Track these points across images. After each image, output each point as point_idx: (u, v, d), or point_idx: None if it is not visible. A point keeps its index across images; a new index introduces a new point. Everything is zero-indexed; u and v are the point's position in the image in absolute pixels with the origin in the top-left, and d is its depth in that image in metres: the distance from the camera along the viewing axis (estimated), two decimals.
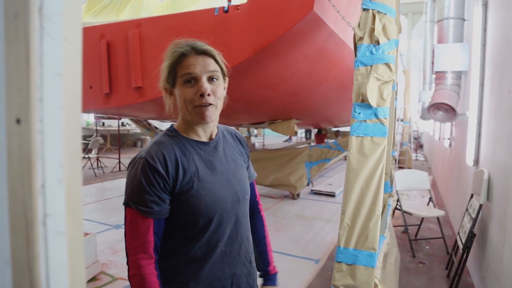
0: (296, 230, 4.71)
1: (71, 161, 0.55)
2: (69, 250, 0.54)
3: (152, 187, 1.00)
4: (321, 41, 3.46)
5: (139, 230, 1.01)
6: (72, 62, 0.54)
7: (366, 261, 1.53)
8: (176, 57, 1.05)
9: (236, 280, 1.14)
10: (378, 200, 1.60)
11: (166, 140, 1.07)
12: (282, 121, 6.56)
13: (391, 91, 1.77)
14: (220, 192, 1.09)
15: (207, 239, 1.08)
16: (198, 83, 1.03)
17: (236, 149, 1.22)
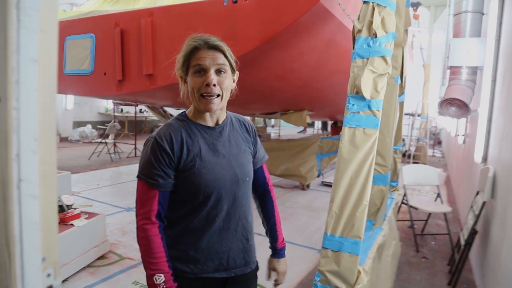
0: (303, 220, 4.77)
1: (45, 136, 0.63)
2: (41, 211, 0.62)
3: (159, 163, 1.15)
4: (329, 33, 3.47)
5: (146, 200, 1.17)
6: (48, 50, 0.62)
7: (351, 248, 1.58)
8: (190, 49, 1.17)
9: (233, 254, 1.26)
10: (366, 190, 1.64)
11: (175, 123, 1.22)
12: (294, 112, 6.58)
13: (385, 84, 1.79)
14: (220, 172, 1.21)
15: (206, 213, 1.20)
16: (206, 74, 1.15)
17: (241, 135, 1.33)
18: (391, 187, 3.39)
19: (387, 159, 2.46)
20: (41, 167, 0.61)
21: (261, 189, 1.46)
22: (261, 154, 1.43)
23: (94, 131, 12.16)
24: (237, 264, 1.29)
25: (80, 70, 4.24)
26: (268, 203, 1.47)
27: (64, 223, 2.95)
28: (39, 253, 0.63)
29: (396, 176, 3.42)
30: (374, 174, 2.48)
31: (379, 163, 2.48)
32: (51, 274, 0.65)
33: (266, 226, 1.48)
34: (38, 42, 0.59)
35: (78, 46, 4.23)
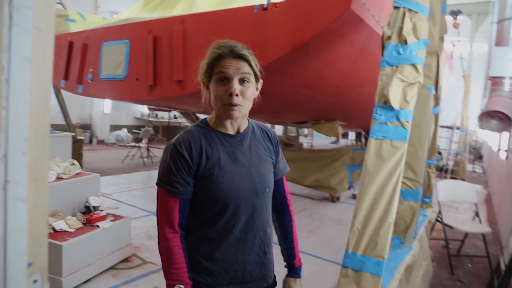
0: (331, 233, 4.62)
1: (37, 137, 0.61)
2: (29, 214, 0.60)
3: (178, 170, 1.13)
4: (361, 40, 3.37)
5: (167, 207, 1.16)
6: (43, 50, 0.60)
7: (373, 269, 1.49)
8: (215, 57, 1.14)
9: (249, 267, 1.22)
10: (392, 207, 1.54)
11: (195, 130, 1.19)
12: (326, 121, 6.46)
13: (416, 93, 1.69)
14: (239, 182, 1.17)
15: (223, 223, 1.17)
16: (229, 83, 1.12)
17: (263, 144, 1.29)
18: (424, 204, 3.21)
19: (418, 174, 2.33)
20: (31, 168, 0.59)
21: (279, 202, 1.40)
22: (282, 165, 1.38)
23: (129, 135, 12.52)
24: (253, 278, 1.24)
25: (114, 75, 4.36)
26: (286, 218, 1.41)
27: (90, 224, 3.01)
28: (25, 257, 0.60)
29: (429, 192, 3.24)
30: (405, 189, 2.36)
31: (410, 178, 2.35)
32: (38, 280, 0.63)
33: (283, 242, 1.40)
34: (32, 40, 0.57)
35: (114, 52, 4.36)
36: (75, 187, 3.12)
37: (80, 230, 2.88)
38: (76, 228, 2.88)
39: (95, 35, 4.69)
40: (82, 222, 3.00)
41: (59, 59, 5.10)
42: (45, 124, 0.62)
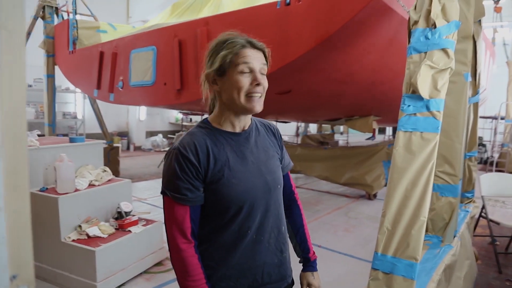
0: (367, 232, 4.46)
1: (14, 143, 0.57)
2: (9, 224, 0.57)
3: (185, 175, 1.06)
4: (391, 30, 3.20)
5: (177, 217, 1.08)
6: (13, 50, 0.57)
7: (405, 271, 1.37)
8: (236, 47, 1.08)
9: (267, 268, 1.17)
10: (424, 204, 1.42)
11: (198, 131, 1.13)
12: (360, 117, 6.27)
13: (447, 80, 1.55)
14: (251, 181, 1.12)
15: (238, 226, 1.12)
16: (253, 74, 1.08)
17: (268, 140, 1.25)
18: (465, 199, 3.00)
19: (456, 167, 2.16)
20: (9, 176, 0.56)
21: (287, 198, 1.36)
22: (287, 160, 1.33)
23: (164, 140, 12.80)
24: (272, 279, 1.19)
25: (143, 81, 4.43)
26: (295, 213, 1.37)
27: (122, 229, 3.06)
28: (7, 270, 0.57)
29: (471, 186, 3.03)
30: (442, 184, 2.20)
31: (447, 172, 2.18)
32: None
33: (295, 237, 1.37)
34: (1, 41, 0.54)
35: (142, 58, 4.43)
36: (107, 194, 3.18)
37: (113, 236, 2.93)
38: (109, 233, 2.93)
39: (123, 44, 4.80)
40: (115, 228, 3.06)
41: (91, 70, 5.27)
42: (21, 129, 0.58)
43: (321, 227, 4.59)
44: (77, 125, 10.62)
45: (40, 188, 2.97)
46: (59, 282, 2.83)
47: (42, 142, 3.20)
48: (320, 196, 6.37)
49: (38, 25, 6.43)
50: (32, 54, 7.01)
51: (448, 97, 2.06)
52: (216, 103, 1.17)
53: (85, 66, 5.55)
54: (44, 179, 3.05)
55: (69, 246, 2.76)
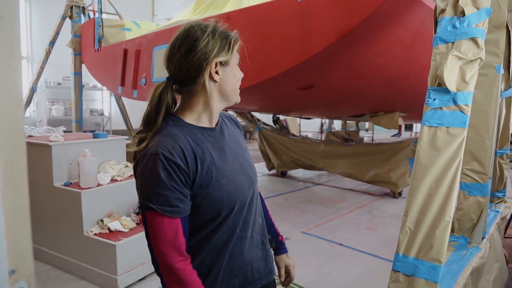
0: (391, 231, 4.34)
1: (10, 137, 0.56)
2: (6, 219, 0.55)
3: (174, 183, 0.94)
4: (417, 22, 3.08)
5: (168, 234, 0.95)
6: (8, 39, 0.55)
7: (428, 274, 1.30)
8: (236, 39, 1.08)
9: (256, 264, 1.14)
10: (450, 203, 1.34)
11: (176, 131, 1.01)
12: (385, 113, 6.12)
13: (476, 72, 1.46)
14: (238, 178, 1.08)
15: (228, 227, 1.07)
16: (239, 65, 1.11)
17: (236, 132, 1.21)
18: (496, 198, 2.86)
19: (486, 165, 2.05)
20: (6, 171, 0.55)
21: None
22: None
23: None
24: (261, 274, 1.17)
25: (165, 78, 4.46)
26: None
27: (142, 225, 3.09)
28: (5, 264, 0.56)
29: (503, 185, 2.88)
30: (470, 183, 2.10)
31: (475, 170, 2.08)
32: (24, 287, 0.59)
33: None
34: None
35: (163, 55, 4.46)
36: (129, 189, 3.22)
37: (134, 230, 2.96)
38: (130, 228, 2.97)
39: (146, 41, 4.85)
40: (136, 222, 3.09)
41: (116, 67, 5.36)
42: (18, 122, 0.57)
43: (344, 225, 4.51)
44: (103, 121, 10.87)
45: (64, 183, 3.04)
46: (81, 274, 2.89)
47: (66, 138, 3.27)
48: (343, 193, 6.26)
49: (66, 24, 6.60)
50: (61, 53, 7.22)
51: (477, 91, 1.96)
52: (187, 98, 1.06)
53: (109, 63, 5.65)
54: (68, 174, 3.12)
55: (91, 239, 2.81)
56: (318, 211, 5.08)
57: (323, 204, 5.48)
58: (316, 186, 6.87)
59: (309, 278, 3.05)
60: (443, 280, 1.60)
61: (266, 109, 7.17)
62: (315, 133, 12.61)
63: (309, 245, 3.82)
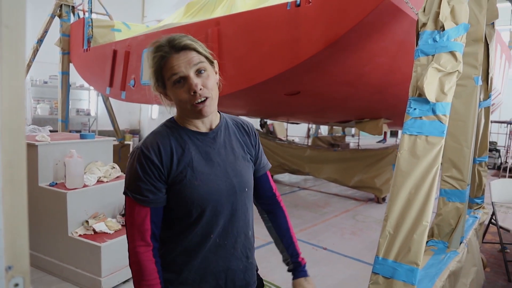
0: (374, 236, 4.42)
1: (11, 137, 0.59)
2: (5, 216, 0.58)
3: (147, 176, 1.02)
4: (402, 32, 3.18)
5: (136, 219, 1.04)
6: (14, 47, 0.58)
7: (405, 276, 1.36)
8: (158, 62, 1.04)
9: (231, 275, 1.13)
10: (427, 209, 1.41)
11: (163, 130, 1.09)
12: (370, 120, 6.24)
13: (454, 84, 1.54)
14: (215, 183, 1.08)
15: (201, 229, 1.08)
16: (187, 81, 1.01)
17: (240, 140, 1.19)
18: (475, 204, 2.96)
19: (464, 172, 2.13)
20: (5, 170, 0.58)
21: (269, 201, 1.31)
22: (264, 160, 1.28)
23: None
24: (236, 285, 1.15)
25: None
26: (279, 216, 1.31)
27: None
28: (3, 261, 0.59)
29: (481, 192, 2.98)
30: (449, 189, 2.18)
31: (454, 177, 2.16)
32: (19, 284, 0.61)
33: (281, 242, 1.30)
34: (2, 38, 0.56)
35: None
36: (115, 190, 3.22)
37: (119, 232, 2.96)
38: (115, 229, 2.97)
39: (136, 42, 4.85)
40: (121, 224, 3.09)
41: (104, 68, 5.34)
42: (20, 124, 0.60)
43: (328, 229, 4.57)
44: (90, 122, 10.76)
45: (49, 183, 3.03)
46: (65, 276, 2.88)
47: (53, 138, 3.26)
48: (328, 198, 6.34)
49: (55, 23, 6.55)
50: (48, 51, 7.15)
51: (457, 101, 2.04)
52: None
53: (98, 64, 5.63)
54: (53, 174, 3.11)
55: (76, 241, 2.81)
56: (303, 216, 5.14)
57: (308, 209, 5.54)
58: (302, 190, 6.94)
59: None
60: (422, 282, 1.67)
61: (254, 113, 7.22)
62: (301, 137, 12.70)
63: None
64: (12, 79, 0.59)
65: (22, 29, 0.60)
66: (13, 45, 0.58)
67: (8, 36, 0.57)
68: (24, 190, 0.63)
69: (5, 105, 0.58)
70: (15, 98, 0.59)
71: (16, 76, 0.59)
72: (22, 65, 0.60)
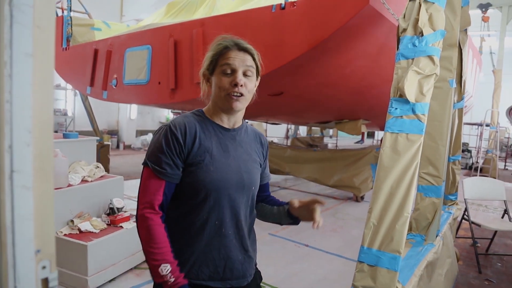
0: (353, 232, 4.56)
1: (41, 129, 0.64)
2: (35, 202, 0.63)
3: (169, 150, 1.12)
4: (382, 36, 3.31)
5: (150, 188, 1.12)
6: (44, 45, 0.63)
7: (389, 263, 1.46)
8: (220, 49, 1.17)
9: (230, 264, 1.20)
10: (408, 201, 1.51)
11: (191, 117, 1.20)
12: (349, 121, 6.40)
13: (432, 85, 1.65)
14: (227, 173, 1.17)
15: (206, 214, 1.16)
16: (234, 74, 1.14)
17: (255, 147, 1.30)
18: (449, 201, 3.12)
19: (440, 169, 2.27)
20: (36, 159, 0.62)
21: (264, 197, 1.42)
22: (267, 171, 1.40)
23: None
24: (233, 275, 1.22)
25: (137, 80, 4.48)
26: (272, 197, 1.43)
27: (114, 225, 3.09)
28: (33, 244, 0.63)
29: (455, 189, 3.15)
30: (426, 185, 2.30)
31: (431, 174, 2.29)
32: (46, 266, 0.65)
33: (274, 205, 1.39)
34: (32, 37, 0.60)
35: (136, 57, 4.48)
36: (99, 189, 3.21)
37: (105, 231, 2.96)
38: (101, 229, 2.97)
39: (118, 42, 4.84)
40: (107, 223, 3.09)
41: (85, 67, 5.29)
42: (49, 117, 0.64)
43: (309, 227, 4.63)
44: (66, 122, 10.55)
45: None
46: None
47: None
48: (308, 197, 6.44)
49: None
50: None
51: (433, 102, 2.17)
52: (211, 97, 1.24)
53: (78, 63, 5.56)
54: None
55: (61, 240, 2.79)
56: None
57: None
58: (283, 190, 7.04)
59: (278, 277, 3.17)
60: (402, 272, 1.77)
61: None
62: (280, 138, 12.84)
63: (276, 246, 3.95)
64: (43, 75, 0.63)
65: (51, 29, 0.65)
66: (44, 44, 0.63)
67: (40, 35, 0.62)
68: (51, 179, 0.68)
69: (37, 99, 0.63)
70: (45, 92, 0.64)
71: (47, 72, 0.64)
72: (51, 62, 0.65)
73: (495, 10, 11.00)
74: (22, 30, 0.58)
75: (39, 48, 0.61)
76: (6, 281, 0.61)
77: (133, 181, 7.08)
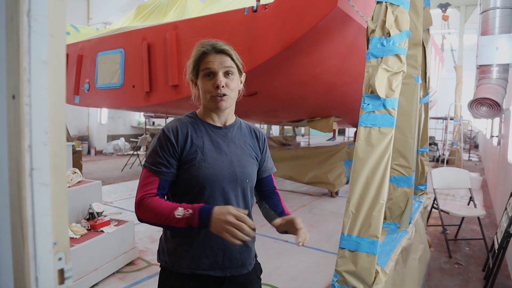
0: (330, 226, 4.71)
1: (55, 129, 0.69)
2: (52, 198, 0.68)
3: (163, 152, 1.22)
4: (350, 37, 3.46)
5: (147, 183, 1.21)
6: (57, 53, 0.68)
7: (368, 248, 1.57)
8: (199, 54, 1.25)
9: (228, 253, 1.27)
10: (383, 189, 1.63)
11: (184, 119, 1.30)
12: (321, 118, 6.57)
13: (400, 82, 1.78)
14: (219, 168, 1.24)
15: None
16: (215, 77, 1.22)
17: (249, 141, 1.37)
18: (420, 191, 3.31)
19: (410, 160, 2.42)
20: (51, 158, 0.67)
21: (269, 194, 1.46)
22: (270, 164, 1.46)
23: (127, 144, 12.58)
24: (232, 264, 1.28)
25: (110, 84, 4.44)
26: (275, 198, 1.46)
27: (95, 230, 3.08)
28: (51, 237, 0.68)
29: (424, 179, 3.33)
30: (398, 176, 2.45)
31: (402, 165, 2.44)
32: (62, 258, 0.70)
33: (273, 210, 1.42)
34: (48, 45, 0.65)
35: (109, 61, 4.44)
36: (78, 195, 3.19)
37: (85, 236, 2.95)
38: (81, 234, 2.95)
39: (89, 46, 4.78)
40: (87, 228, 3.07)
41: None
42: (61, 118, 0.70)
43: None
44: None
45: None
46: None
47: None
48: (285, 195, 6.58)
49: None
50: None
51: (401, 97, 2.31)
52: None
53: None
54: None
55: None
56: None
57: None
58: None
59: None
60: (379, 258, 1.89)
61: None
62: None
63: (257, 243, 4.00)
64: (56, 79, 0.69)
65: (63, 37, 0.70)
66: (56, 51, 0.69)
67: (53, 43, 0.68)
68: (64, 176, 0.73)
69: (51, 102, 0.68)
70: (58, 96, 0.70)
71: (59, 77, 0.69)
72: (63, 67, 0.70)
73: (454, 10, 11.57)
74: (38, 39, 0.63)
75: (53, 55, 0.67)
76: (29, 272, 0.66)
77: (108, 186, 6.98)
